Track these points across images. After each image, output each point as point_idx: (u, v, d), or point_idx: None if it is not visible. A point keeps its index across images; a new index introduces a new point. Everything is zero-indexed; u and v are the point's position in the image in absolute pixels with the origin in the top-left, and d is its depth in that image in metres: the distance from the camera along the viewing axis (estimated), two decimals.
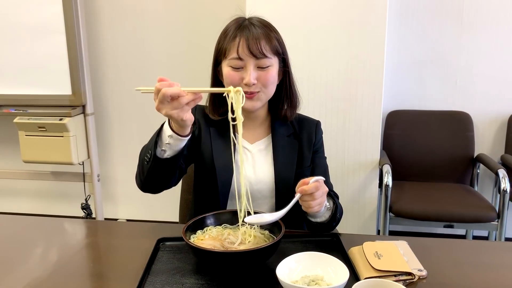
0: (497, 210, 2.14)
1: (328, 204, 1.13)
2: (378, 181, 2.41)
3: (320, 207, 1.07)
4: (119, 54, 2.89)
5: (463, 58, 2.59)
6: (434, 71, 2.63)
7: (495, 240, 2.30)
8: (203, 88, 1.01)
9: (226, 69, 1.19)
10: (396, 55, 2.62)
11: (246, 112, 1.20)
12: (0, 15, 2.64)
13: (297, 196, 1.04)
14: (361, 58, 2.28)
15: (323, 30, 2.28)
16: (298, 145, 1.30)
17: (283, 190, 1.24)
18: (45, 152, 2.71)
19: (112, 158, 3.07)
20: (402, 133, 2.61)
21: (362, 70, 2.29)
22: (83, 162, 2.83)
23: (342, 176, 2.43)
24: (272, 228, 1.06)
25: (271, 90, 1.22)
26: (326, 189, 1.08)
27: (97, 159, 2.87)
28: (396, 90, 2.66)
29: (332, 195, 1.17)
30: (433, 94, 2.65)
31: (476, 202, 2.23)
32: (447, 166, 2.55)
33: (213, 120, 1.27)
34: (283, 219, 1.04)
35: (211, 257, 0.93)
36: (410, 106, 2.67)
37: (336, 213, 1.14)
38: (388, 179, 2.19)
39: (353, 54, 2.28)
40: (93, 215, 2.92)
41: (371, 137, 2.37)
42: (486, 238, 2.62)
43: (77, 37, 2.58)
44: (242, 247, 0.98)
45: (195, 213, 1.25)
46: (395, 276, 0.92)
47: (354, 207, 2.46)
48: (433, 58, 2.61)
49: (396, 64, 2.63)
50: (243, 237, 1.02)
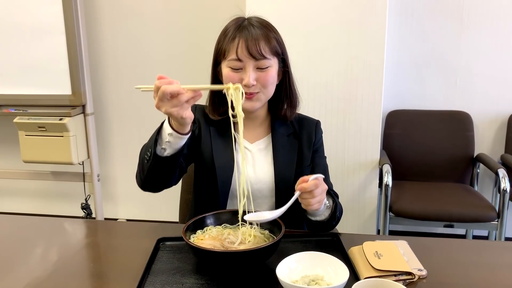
0: (497, 210, 2.14)
1: (328, 203, 1.13)
2: (378, 181, 2.41)
3: (320, 205, 1.07)
4: (119, 54, 2.89)
5: (463, 58, 2.59)
6: (434, 71, 2.63)
7: (495, 240, 2.31)
8: (203, 86, 1.00)
9: (226, 70, 1.19)
10: (396, 55, 2.62)
11: (246, 112, 1.20)
12: (0, 15, 2.64)
13: (297, 194, 1.04)
14: (361, 58, 2.28)
15: (323, 30, 2.28)
16: (298, 145, 1.30)
17: (283, 190, 1.24)
18: (45, 152, 2.71)
19: (112, 158, 3.07)
20: (402, 133, 2.61)
21: (362, 70, 2.29)
22: (83, 162, 2.84)
23: (342, 176, 2.43)
24: (272, 228, 1.06)
25: (271, 91, 1.22)
26: (326, 187, 1.08)
27: (97, 159, 2.87)
28: (396, 90, 2.66)
29: (332, 194, 1.18)
30: (433, 94, 2.65)
31: (476, 202, 2.23)
32: (447, 166, 2.55)
33: (213, 120, 1.27)
34: (283, 219, 1.04)
35: (211, 257, 0.93)
36: (410, 106, 2.67)
37: (336, 212, 1.14)
38: (388, 179, 2.19)
39: (353, 54, 2.28)
40: (93, 215, 2.92)
41: (371, 137, 2.37)
42: (486, 238, 2.62)
43: (77, 37, 2.58)
44: (242, 247, 0.98)
45: (195, 213, 1.25)
46: (395, 276, 0.92)
47: (354, 207, 2.46)
48: (433, 58, 2.62)
49: (396, 64, 2.63)
50: (243, 237, 1.02)
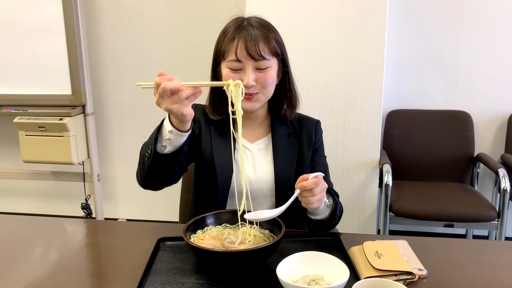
0: (497, 210, 2.14)
1: (328, 201, 1.14)
2: (378, 181, 2.41)
3: (320, 203, 1.08)
4: (119, 54, 2.88)
5: (463, 58, 2.59)
6: (434, 71, 2.63)
7: (495, 240, 2.31)
8: (203, 82, 1.00)
9: (225, 71, 1.19)
10: (396, 55, 2.62)
11: (246, 112, 1.20)
12: (0, 15, 2.64)
13: (297, 192, 1.04)
14: (361, 58, 2.28)
15: (323, 30, 2.28)
16: (298, 144, 1.30)
17: (283, 189, 1.24)
18: (45, 152, 2.71)
19: (112, 158, 3.07)
20: (402, 133, 2.61)
21: (362, 70, 2.29)
22: (83, 162, 2.84)
23: (342, 176, 2.43)
24: (272, 228, 1.06)
25: (270, 91, 1.22)
26: (326, 185, 1.08)
27: (97, 159, 2.87)
28: (396, 90, 2.66)
29: (332, 193, 1.18)
30: (433, 94, 2.65)
31: (476, 202, 2.23)
32: (447, 166, 2.55)
33: (214, 119, 1.27)
34: (283, 218, 1.04)
35: (211, 257, 0.93)
36: (410, 106, 2.67)
37: (336, 211, 1.15)
38: (388, 179, 2.19)
39: (353, 54, 2.28)
40: (93, 215, 2.92)
41: (371, 137, 2.37)
42: (486, 238, 2.62)
43: (77, 37, 2.58)
44: (242, 247, 0.98)
45: (195, 213, 1.25)
46: (396, 276, 0.92)
47: (354, 207, 2.46)
48: (433, 58, 2.61)
49: (396, 64, 2.63)
50: (243, 237, 1.02)
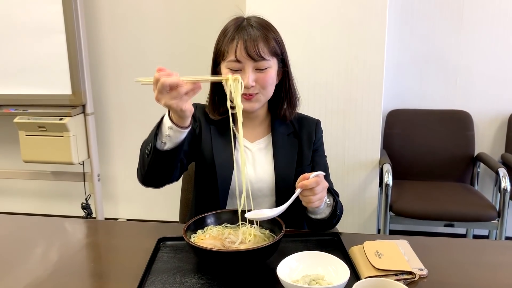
0: (498, 209, 2.14)
1: (328, 200, 1.14)
2: (379, 180, 2.41)
3: (321, 202, 1.08)
4: (119, 54, 2.88)
5: (463, 57, 2.59)
6: (434, 70, 2.63)
7: (496, 239, 2.31)
8: (202, 77, 1.00)
9: (225, 71, 1.19)
10: (396, 55, 2.62)
11: (245, 112, 1.21)
12: (0, 15, 2.64)
13: (298, 191, 1.04)
14: (361, 58, 2.28)
15: (323, 30, 2.28)
16: (298, 144, 1.30)
17: (284, 189, 1.24)
18: (45, 152, 2.71)
19: (112, 158, 3.07)
20: (402, 132, 2.61)
21: (362, 70, 2.29)
22: (83, 162, 2.84)
23: (343, 176, 2.43)
24: (273, 228, 1.06)
25: (270, 92, 1.22)
26: (326, 184, 1.08)
27: (97, 159, 2.87)
28: (396, 90, 2.66)
29: (332, 193, 1.18)
30: (433, 93, 2.65)
31: (477, 201, 2.23)
32: (448, 165, 2.55)
33: (214, 119, 1.27)
34: (284, 218, 1.04)
35: (212, 257, 0.93)
36: (410, 105, 2.67)
37: (336, 210, 1.15)
38: (389, 178, 2.19)
39: (353, 54, 2.28)
40: (94, 215, 2.92)
41: (371, 137, 2.37)
42: (487, 237, 2.62)
43: (77, 37, 2.58)
44: (243, 247, 0.98)
45: (196, 213, 1.25)
46: (396, 275, 0.92)
47: (355, 207, 2.46)
48: (433, 57, 2.61)
49: (396, 64, 2.63)
50: (244, 237, 1.02)
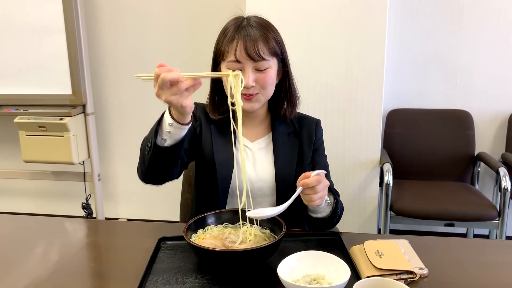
0: (498, 209, 2.14)
1: (329, 199, 1.14)
2: (379, 180, 2.41)
3: (322, 201, 1.08)
4: (119, 54, 2.88)
5: (464, 57, 2.58)
6: (435, 70, 2.63)
7: (496, 239, 2.31)
8: (202, 73, 1.00)
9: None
10: (396, 55, 2.62)
11: (245, 112, 1.21)
12: (0, 15, 2.64)
13: (299, 190, 1.04)
14: (361, 58, 2.28)
15: (323, 30, 2.28)
16: (298, 143, 1.30)
17: (284, 188, 1.24)
18: (46, 152, 2.71)
19: (113, 158, 3.07)
20: (403, 132, 2.61)
21: (362, 70, 2.29)
22: (84, 162, 2.84)
23: (343, 175, 2.43)
24: (273, 227, 1.06)
25: (270, 92, 1.22)
26: (327, 183, 1.08)
27: (98, 159, 2.87)
28: (397, 89, 2.66)
29: (333, 191, 1.18)
30: (434, 93, 2.65)
31: (477, 201, 2.23)
32: (448, 165, 2.55)
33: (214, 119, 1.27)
34: (284, 218, 1.04)
35: (212, 256, 0.93)
36: (411, 105, 2.67)
37: (337, 209, 1.15)
38: (389, 178, 2.19)
39: (353, 54, 2.28)
40: (94, 215, 2.92)
41: (372, 136, 2.37)
42: (487, 237, 2.62)
43: (77, 37, 2.58)
44: (243, 246, 0.98)
45: (196, 212, 1.25)
46: (397, 275, 0.92)
47: (355, 206, 2.46)
48: (434, 57, 2.61)
49: (396, 63, 2.63)
50: (244, 236, 1.02)
